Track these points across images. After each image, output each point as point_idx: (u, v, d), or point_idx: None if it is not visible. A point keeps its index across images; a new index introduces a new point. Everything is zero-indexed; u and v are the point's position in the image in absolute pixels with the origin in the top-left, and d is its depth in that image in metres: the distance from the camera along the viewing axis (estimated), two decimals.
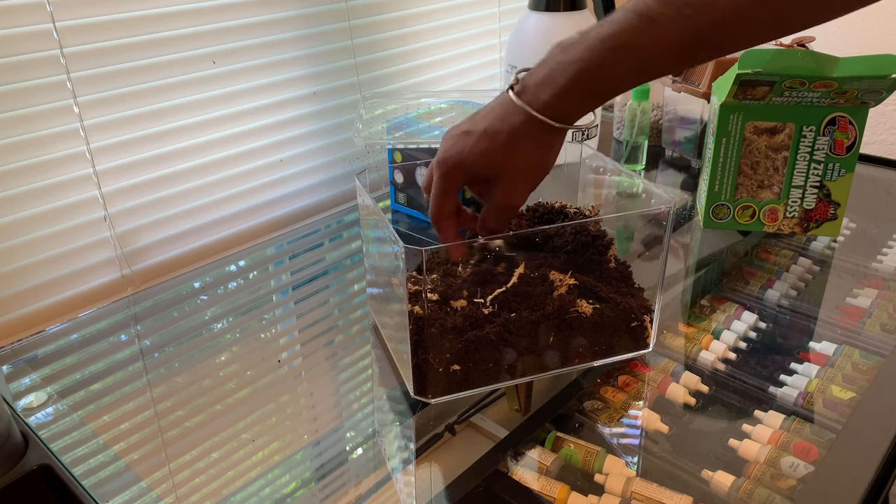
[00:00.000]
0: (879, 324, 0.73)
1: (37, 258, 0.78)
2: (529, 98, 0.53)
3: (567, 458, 0.57)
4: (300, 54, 0.96)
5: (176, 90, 0.85)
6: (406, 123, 0.90)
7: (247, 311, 0.79)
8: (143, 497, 0.55)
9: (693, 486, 0.55)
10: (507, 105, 0.54)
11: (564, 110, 0.53)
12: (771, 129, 0.83)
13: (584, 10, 1.02)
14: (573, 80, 0.51)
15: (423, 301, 0.57)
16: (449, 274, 0.64)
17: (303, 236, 0.97)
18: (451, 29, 1.17)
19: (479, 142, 0.54)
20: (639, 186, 0.70)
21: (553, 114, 0.52)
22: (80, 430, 0.61)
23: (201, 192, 0.91)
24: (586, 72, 0.51)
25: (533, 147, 0.54)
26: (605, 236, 0.67)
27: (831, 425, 0.60)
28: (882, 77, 0.73)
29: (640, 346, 0.65)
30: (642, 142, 1.05)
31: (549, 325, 0.60)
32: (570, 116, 0.53)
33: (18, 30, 0.71)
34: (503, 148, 0.53)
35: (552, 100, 0.52)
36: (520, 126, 0.53)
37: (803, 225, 0.87)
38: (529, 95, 0.53)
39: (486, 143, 0.54)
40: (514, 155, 0.54)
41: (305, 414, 0.65)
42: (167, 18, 0.82)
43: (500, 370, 0.60)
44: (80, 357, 0.72)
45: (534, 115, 0.52)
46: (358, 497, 0.55)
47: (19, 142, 0.74)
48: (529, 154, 0.54)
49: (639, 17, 0.49)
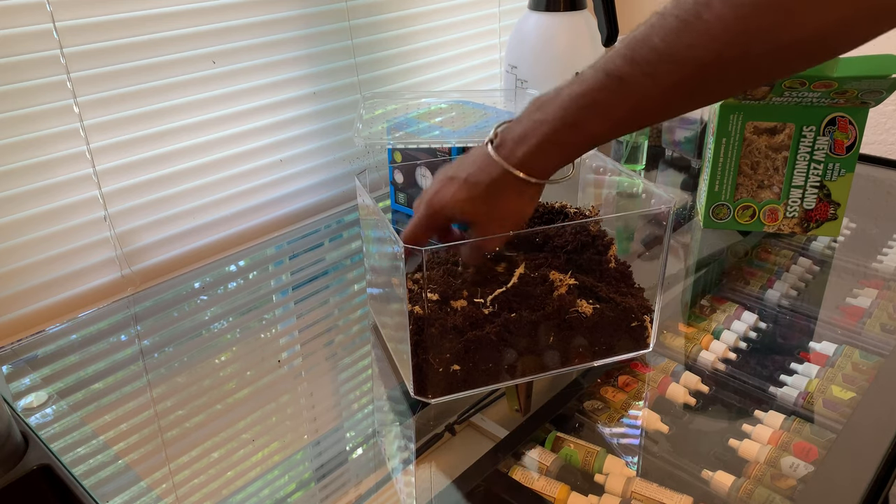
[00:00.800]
0: (879, 324, 0.73)
1: (37, 258, 0.78)
2: (506, 153, 0.55)
3: (567, 458, 0.57)
4: (300, 54, 0.96)
5: (176, 90, 0.85)
6: (406, 123, 0.90)
7: (247, 311, 0.79)
8: (143, 497, 0.55)
9: (693, 486, 0.55)
10: (486, 158, 0.56)
11: (539, 166, 0.55)
12: (771, 129, 0.83)
13: (583, 10, 1.03)
14: (546, 138, 0.53)
15: (424, 301, 0.57)
16: (449, 274, 0.64)
17: (303, 236, 0.97)
18: (451, 29, 1.17)
19: (460, 190, 0.56)
20: (639, 186, 0.70)
21: (528, 169, 0.54)
22: (80, 430, 0.61)
23: (201, 192, 0.91)
24: (559, 130, 0.52)
25: (510, 198, 0.56)
26: (605, 236, 0.67)
27: (831, 425, 0.60)
28: (882, 77, 0.73)
29: (640, 346, 0.65)
30: (642, 142, 1.05)
31: (549, 325, 0.60)
32: (545, 171, 0.55)
33: (18, 30, 0.71)
34: (481, 198, 0.56)
35: (527, 157, 0.54)
36: (498, 179, 0.55)
37: (803, 225, 0.87)
38: (506, 151, 0.55)
39: (466, 192, 0.56)
40: (491, 205, 0.56)
41: (305, 414, 0.65)
42: (167, 18, 0.82)
43: (500, 370, 0.60)
44: (80, 357, 0.72)
45: (509, 171, 0.54)
46: (358, 497, 0.55)
47: (19, 142, 0.74)
48: (506, 205, 0.56)
49: (607, 77, 0.50)
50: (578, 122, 0.52)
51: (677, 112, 0.54)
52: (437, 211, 0.58)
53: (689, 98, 0.51)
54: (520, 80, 1.05)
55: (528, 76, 1.04)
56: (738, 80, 0.50)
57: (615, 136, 0.55)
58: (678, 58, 0.47)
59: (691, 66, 0.47)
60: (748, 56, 0.46)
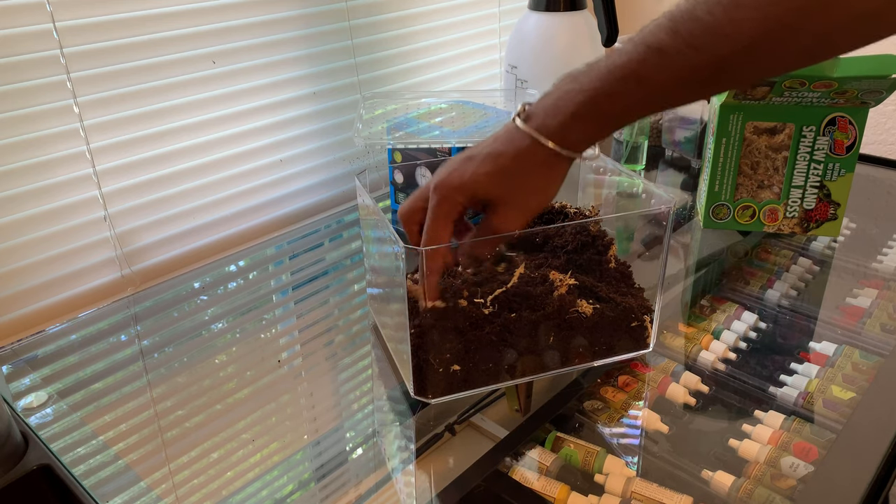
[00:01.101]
0: (879, 324, 0.73)
1: (37, 258, 0.78)
2: (537, 124, 0.52)
3: (567, 458, 0.57)
4: (300, 54, 0.96)
5: (176, 90, 0.85)
6: (406, 123, 0.90)
7: (247, 311, 0.79)
8: (143, 497, 0.55)
9: (693, 486, 0.55)
10: (513, 131, 0.53)
11: (572, 138, 0.52)
12: (771, 129, 0.83)
13: (583, 10, 1.03)
14: (582, 107, 0.51)
15: (424, 301, 0.57)
16: (449, 274, 0.64)
17: (303, 236, 0.97)
18: (451, 29, 1.17)
19: (482, 165, 0.53)
20: (639, 186, 0.70)
21: (561, 140, 0.52)
22: (80, 430, 0.61)
23: (201, 192, 0.91)
24: (595, 100, 0.50)
25: (537, 173, 0.53)
26: (605, 236, 0.67)
27: (831, 425, 0.60)
28: (882, 77, 0.73)
29: (640, 346, 0.65)
30: (642, 142, 1.05)
31: (550, 325, 0.60)
32: (578, 144, 0.53)
33: (18, 30, 0.71)
34: (507, 172, 0.53)
35: (560, 127, 0.52)
36: (525, 151, 0.52)
37: (803, 225, 0.87)
38: (537, 122, 0.52)
39: (489, 165, 0.53)
40: (517, 180, 0.53)
41: (305, 414, 0.65)
42: (167, 18, 0.82)
43: (501, 370, 0.60)
44: (80, 357, 0.72)
45: (540, 141, 0.52)
46: (358, 497, 0.55)
47: (19, 142, 0.74)
48: (534, 180, 0.53)
49: (647, 49, 0.48)
50: (616, 92, 0.50)
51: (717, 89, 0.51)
52: (454, 190, 0.54)
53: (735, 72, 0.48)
54: (520, 80, 1.05)
55: (528, 76, 1.04)
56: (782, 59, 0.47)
57: (653, 110, 0.53)
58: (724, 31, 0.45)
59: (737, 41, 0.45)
60: (798, 33, 0.44)
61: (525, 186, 0.53)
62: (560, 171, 0.54)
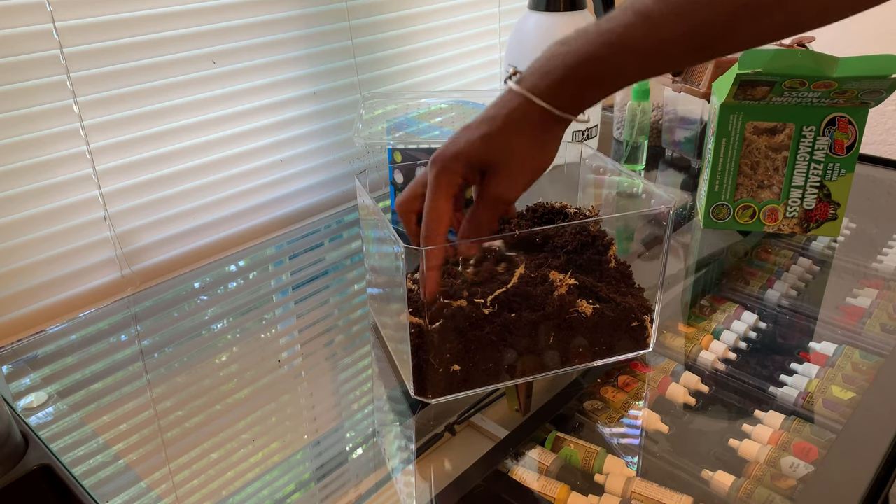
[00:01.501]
0: (879, 324, 0.73)
1: (37, 258, 0.78)
2: (529, 85, 0.52)
3: (567, 458, 0.57)
4: (300, 54, 0.96)
5: (176, 90, 0.85)
6: (406, 123, 0.90)
7: (247, 311, 0.79)
8: (143, 497, 0.55)
9: (693, 486, 0.55)
10: (506, 94, 0.54)
11: (563, 99, 0.52)
12: (771, 129, 0.83)
13: (583, 10, 1.03)
14: (571, 69, 0.51)
15: (424, 301, 0.57)
16: (449, 274, 0.64)
17: (303, 236, 0.97)
18: (451, 29, 1.17)
19: (476, 130, 0.54)
20: (639, 186, 0.70)
21: (552, 101, 0.52)
22: (80, 430, 0.61)
23: (201, 192, 0.91)
24: (584, 63, 0.51)
25: (532, 135, 0.53)
26: (605, 236, 0.67)
27: (831, 425, 0.60)
28: (882, 77, 0.73)
29: (640, 346, 0.66)
30: (642, 142, 1.05)
31: (550, 325, 0.60)
32: (569, 107, 0.53)
33: (18, 30, 0.71)
34: (501, 133, 0.53)
35: (551, 87, 0.52)
36: (518, 110, 0.53)
37: (803, 225, 0.87)
38: (529, 83, 0.53)
39: (484, 128, 0.53)
40: (512, 141, 0.53)
41: (305, 414, 0.65)
42: (167, 18, 0.82)
43: (501, 370, 0.60)
44: (80, 357, 0.72)
45: (533, 101, 0.52)
46: (358, 497, 0.55)
47: (19, 142, 0.74)
48: (529, 142, 0.53)
49: (635, 14, 0.49)
50: (604, 56, 0.50)
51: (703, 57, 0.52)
52: (450, 159, 0.54)
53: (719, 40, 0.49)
54: None
55: None
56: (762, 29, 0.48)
57: (642, 76, 0.53)
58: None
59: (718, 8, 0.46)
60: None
61: (520, 148, 0.53)
62: (554, 133, 0.54)
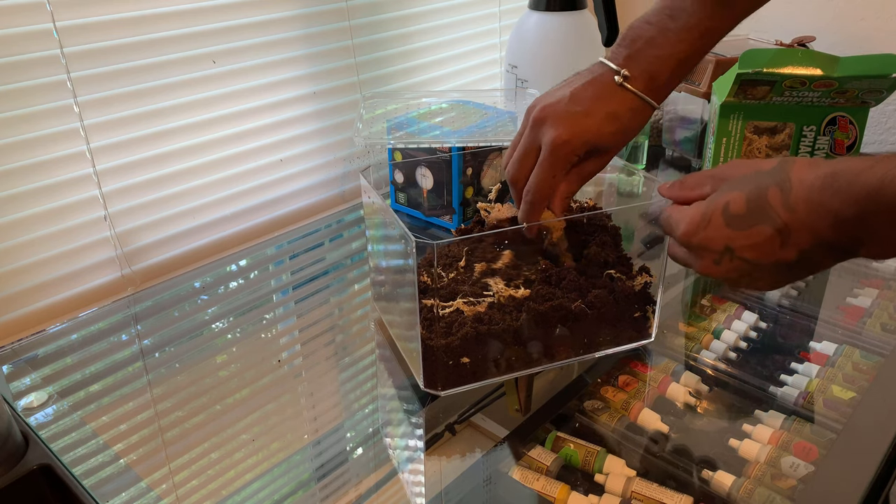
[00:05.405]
0: (880, 324, 0.73)
1: (37, 258, 0.78)
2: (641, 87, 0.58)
3: (567, 458, 0.57)
4: (300, 54, 0.96)
5: (176, 90, 0.85)
6: (406, 123, 0.90)
7: (247, 311, 0.79)
8: (143, 497, 0.55)
9: (693, 486, 0.55)
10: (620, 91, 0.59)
11: (662, 97, 0.60)
12: (771, 129, 0.83)
13: (583, 10, 1.03)
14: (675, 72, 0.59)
15: (434, 295, 0.58)
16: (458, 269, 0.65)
17: (303, 236, 0.97)
18: (451, 29, 1.17)
19: (606, 122, 0.58)
20: (639, 183, 0.70)
21: (658, 101, 0.60)
22: (80, 430, 0.61)
23: (201, 192, 0.91)
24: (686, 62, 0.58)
25: (634, 124, 0.60)
26: (609, 225, 0.67)
27: (831, 425, 0.60)
28: (882, 77, 0.73)
29: (642, 337, 0.67)
30: (642, 142, 1.05)
31: (556, 315, 0.61)
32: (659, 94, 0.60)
33: (18, 30, 0.71)
34: (629, 131, 0.59)
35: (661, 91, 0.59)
36: (634, 108, 0.59)
37: None
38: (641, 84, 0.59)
39: (616, 125, 0.58)
40: (630, 136, 0.60)
41: (306, 414, 0.65)
42: (167, 18, 0.82)
43: (509, 362, 0.61)
44: (80, 357, 0.72)
45: (648, 102, 0.59)
46: (358, 497, 0.55)
47: (19, 142, 0.74)
48: (633, 131, 0.60)
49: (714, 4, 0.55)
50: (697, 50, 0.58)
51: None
52: (578, 145, 0.58)
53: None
54: (520, 79, 1.05)
55: (528, 76, 1.04)
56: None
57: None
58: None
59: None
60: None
61: (630, 139, 0.61)
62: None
